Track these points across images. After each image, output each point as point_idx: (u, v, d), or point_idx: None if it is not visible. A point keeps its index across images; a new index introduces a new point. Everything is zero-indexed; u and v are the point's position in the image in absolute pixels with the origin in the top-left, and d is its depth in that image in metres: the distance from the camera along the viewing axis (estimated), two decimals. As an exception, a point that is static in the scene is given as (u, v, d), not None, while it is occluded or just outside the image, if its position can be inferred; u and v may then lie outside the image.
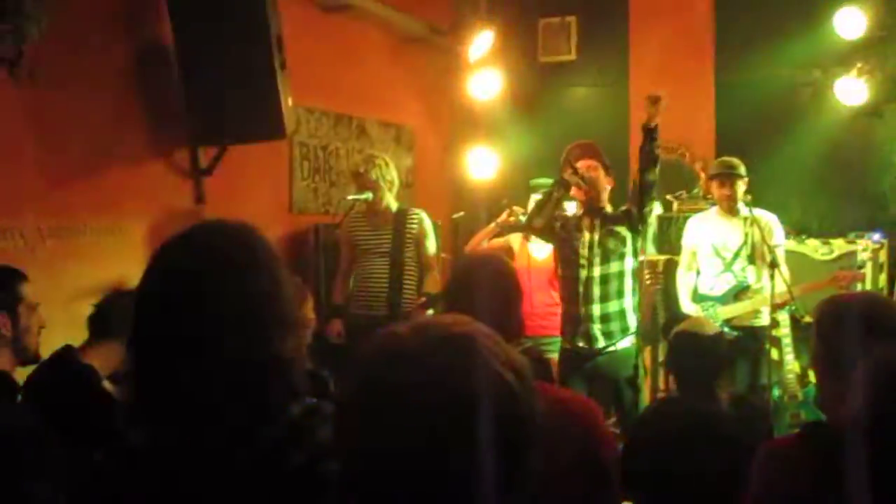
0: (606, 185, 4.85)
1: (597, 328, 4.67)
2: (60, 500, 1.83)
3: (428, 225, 5.45)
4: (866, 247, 6.23)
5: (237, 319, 1.47)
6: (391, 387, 1.08)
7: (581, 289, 4.70)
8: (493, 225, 5.97)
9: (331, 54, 6.15)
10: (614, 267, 4.71)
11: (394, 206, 5.38)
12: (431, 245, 5.44)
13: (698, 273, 5.63)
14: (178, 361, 1.46)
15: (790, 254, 5.91)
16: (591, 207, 4.80)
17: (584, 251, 4.74)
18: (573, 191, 4.75)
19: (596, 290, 4.68)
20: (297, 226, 5.97)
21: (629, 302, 4.76)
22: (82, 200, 4.52)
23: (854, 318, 2.14)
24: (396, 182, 5.43)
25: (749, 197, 5.37)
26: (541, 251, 5.69)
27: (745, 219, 5.39)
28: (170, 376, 1.48)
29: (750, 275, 5.44)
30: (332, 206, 6.27)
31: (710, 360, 3.46)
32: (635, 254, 4.82)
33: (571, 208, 4.94)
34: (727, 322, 5.36)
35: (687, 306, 5.57)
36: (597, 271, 4.69)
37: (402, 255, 5.31)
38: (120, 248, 4.71)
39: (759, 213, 5.40)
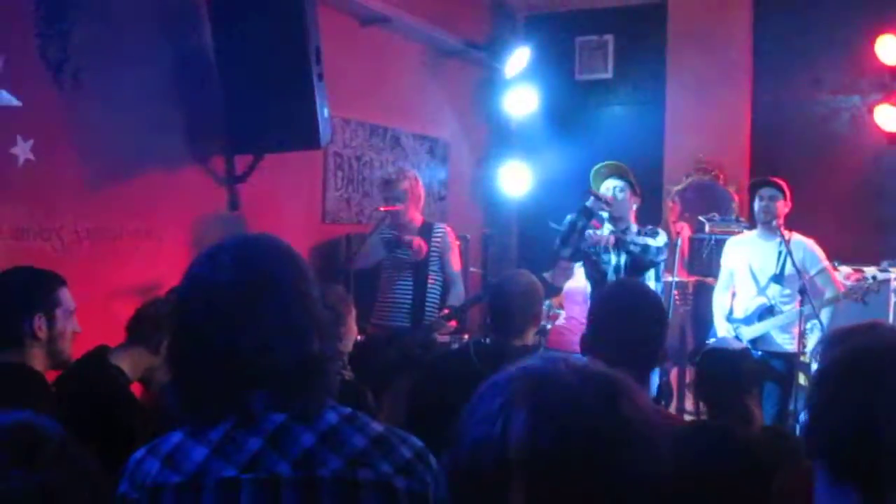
0: (632, 205, 4.98)
1: None
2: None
3: (452, 239, 5.48)
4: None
5: (280, 327, 1.53)
6: None
7: None
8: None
9: (367, 66, 6.20)
10: None
11: (419, 220, 5.42)
12: (455, 259, 5.47)
13: (734, 295, 5.62)
14: (220, 366, 1.53)
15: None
16: (616, 228, 4.92)
17: (610, 273, 4.87)
18: (599, 209, 4.85)
19: None
20: (329, 235, 6.02)
21: None
22: (119, 204, 4.59)
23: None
24: (423, 198, 5.47)
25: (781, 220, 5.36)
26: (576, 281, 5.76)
27: (780, 241, 5.35)
28: (211, 380, 1.54)
29: (780, 298, 5.40)
30: (364, 217, 6.32)
31: (739, 375, 3.43)
32: (658, 278, 4.93)
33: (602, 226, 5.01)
34: (753, 343, 5.33)
35: (720, 325, 5.55)
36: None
37: (425, 269, 5.35)
38: (154, 252, 4.77)
39: (798, 238, 5.37)
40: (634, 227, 4.93)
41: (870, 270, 6.22)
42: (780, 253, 5.37)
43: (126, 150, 4.62)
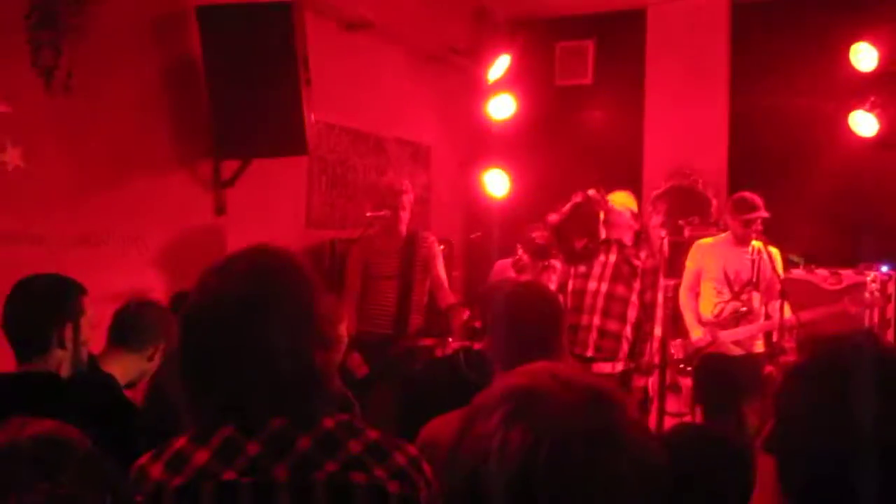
0: (629, 229, 5.23)
1: (592, 338, 4.97)
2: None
3: (437, 248, 5.54)
4: (874, 278, 6.29)
5: (285, 341, 1.59)
6: None
7: (588, 300, 5.02)
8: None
9: (351, 71, 6.24)
10: (620, 290, 5.02)
11: (404, 230, 5.47)
12: (440, 267, 5.53)
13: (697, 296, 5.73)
14: (227, 374, 1.58)
15: (800, 283, 6.01)
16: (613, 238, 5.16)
17: (598, 268, 5.08)
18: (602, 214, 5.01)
19: (600, 304, 4.99)
20: (314, 239, 6.05)
21: (628, 332, 5.02)
22: (107, 209, 4.61)
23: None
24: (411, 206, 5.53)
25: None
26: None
27: (753, 249, 5.48)
28: (218, 387, 1.59)
29: (754, 303, 5.53)
30: (348, 221, 6.36)
31: (737, 380, 3.50)
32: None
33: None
34: None
35: (694, 326, 5.63)
36: (605, 287, 5.02)
37: (410, 279, 5.40)
38: (142, 257, 4.80)
39: (770, 248, 5.51)
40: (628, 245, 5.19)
41: (846, 273, 6.36)
42: (753, 260, 5.49)
43: (114, 157, 4.64)
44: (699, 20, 7.46)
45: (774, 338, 5.39)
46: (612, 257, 5.10)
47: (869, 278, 6.26)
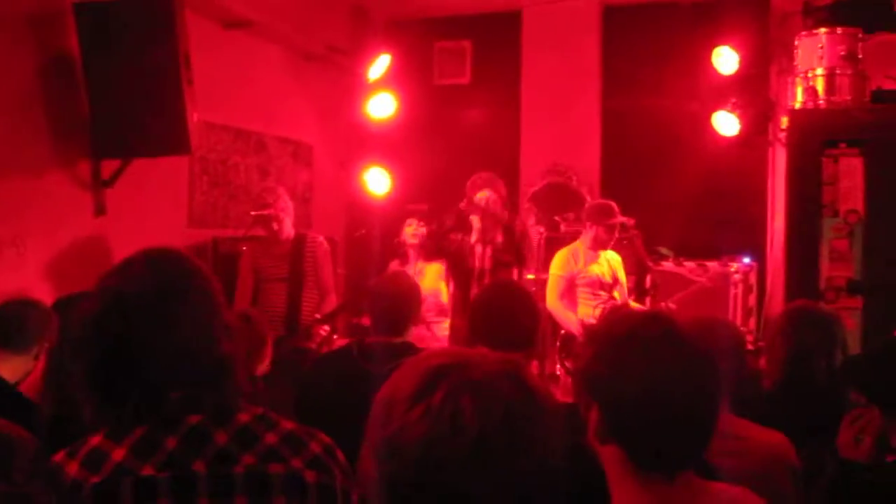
0: (502, 215, 5.31)
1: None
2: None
3: (325, 249, 5.57)
4: (737, 269, 6.68)
5: (193, 332, 1.63)
6: None
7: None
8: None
9: (232, 70, 6.21)
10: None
11: (292, 232, 5.49)
12: (328, 269, 5.56)
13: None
14: (140, 372, 1.61)
15: (669, 274, 6.33)
16: (483, 237, 5.25)
17: (476, 271, 5.23)
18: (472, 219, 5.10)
19: None
20: (195, 239, 6.00)
21: None
22: (-18, 211, 4.48)
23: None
24: (291, 209, 5.54)
25: None
26: (420, 276, 5.93)
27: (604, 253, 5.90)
28: (130, 386, 1.61)
29: (619, 300, 5.88)
30: (230, 220, 6.33)
31: None
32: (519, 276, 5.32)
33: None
34: None
35: (571, 318, 5.85)
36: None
37: (300, 280, 5.42)
38: (20, 259, 4.68)
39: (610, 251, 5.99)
40: (500, 238, 5.32)
41: (711, 265, 6.72)
42: (608, 262, 5.91)
43: (-11, 156, 4.51)
44: (572, 22, 7.72)
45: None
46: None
47: (732, 269, 6.64)
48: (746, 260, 6.78)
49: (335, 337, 5.56)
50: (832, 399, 3.01)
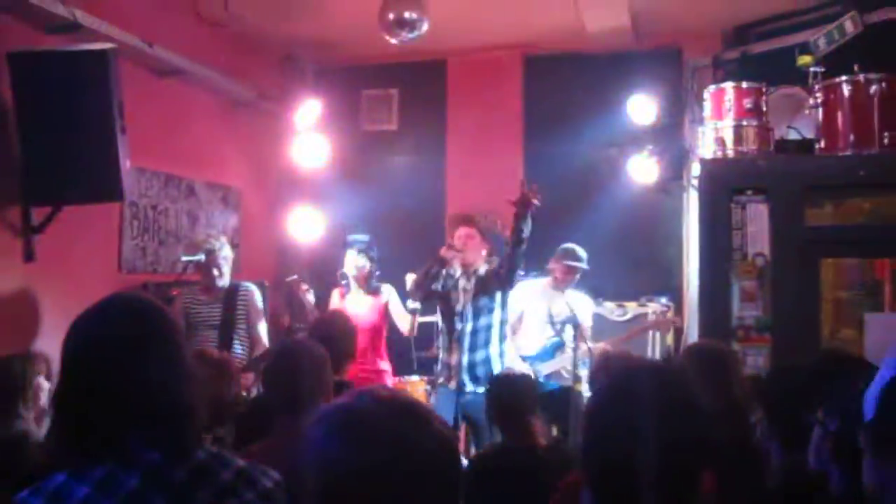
0: (482, 251, 5.67)
1: (465, 376, 5.45)
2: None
3: (258, 299, 5.66)
4: (655, 310, 6.96)
5: (161, 375, 1.76)
6: None
7: (454, 341, 5.50)
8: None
9: (162, 116, 6.28)
10: (483, 321, 5.51)
11: (228, 281, 5.58)
12: (259, 319, 5.64)
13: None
14: (106, 412, 1.72)
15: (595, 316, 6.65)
16: (466, 272, 5.59)
17: (459, 308, 5.53)
18: (451, 256, 5.47)
19: (466, 342, 5.46)
20: (126, 284, 6.02)
21: (495, 349, 5.53)
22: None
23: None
24: (231, 258, 5.63)
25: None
26: (360, 306, 6.06)
27: (569, 293, 6.28)
28: (97, 425, 1.72)
29: (568, 339, 6.16)
30: (160, 265, 6.39)
31: (523, 397, 3.94)
32: (503, 306, 5.60)
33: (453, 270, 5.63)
34: (547, 377, 6.04)
35: (519, 365, 6.10)
36: (469, 326, 5.48)
37: (232, 328, 5.49)
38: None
39: (580, 293, 6.41)
40: (483, 270, 5.62)
41: (630, 305, 6.99)
42: (567, 303, 6.20)
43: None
44: (494, 73, 8.00)
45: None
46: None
47: (650, 310, 6.92)
48: (663, 300, 7.06)
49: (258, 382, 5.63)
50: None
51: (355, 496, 1.29)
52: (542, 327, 6.24)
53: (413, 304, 6.09)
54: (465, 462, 3.57)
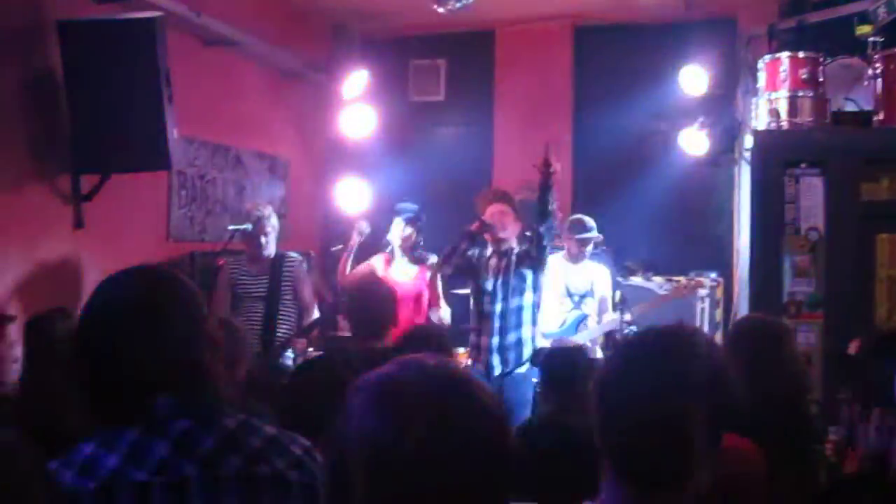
0: (515, 228, 5.45)
1: (493, 358, 5.26)
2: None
3: (304, 268, 5.70)
4: (705, 284, 6.84)
5: (180, 339, 1.73)
6: None
7: (485, 322, 5.32)
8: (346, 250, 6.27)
9: (210, 86, 6.31)
10: (514, 302, 5.31)
11: (274, 251, 5.60)
12: (308, 288, 5.68)
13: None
14: (129, 377, 1.71)
15: (639, 289, 6.50)
16: (498, 249, 5.40)
17: (489, 287, 5.35)
18: (483, 232, 5.32)
19: (496, 324, 5.28)
20: (174, 253, 6.08)
21: (528, 332, 5.34)
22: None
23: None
24: (277, 228, 5.65)
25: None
26: (403, 275, 6.03)
27: (587, 265, 6.14)
28: (121, 391, 1.71)
29: (590, 311, 6.10)
30: (207, 234, 6.43)
31: (576, 370, 3.82)
32: (535, 288, 5.40)
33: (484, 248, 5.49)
34: None
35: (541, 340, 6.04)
36: (499, 307, 5.30)
37: (277, 299, 5.52)
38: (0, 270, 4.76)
39: (600, 264, 6.26)
40: (516, 248, 5.41)
41: (680, 280, 6.87)
42: (587, 274, 6.14)
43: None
44: (544, 42, 7.89)
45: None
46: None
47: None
48: (713, 275, 6.95)
49: (311, 350, 5.66)
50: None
51: (397, 473, 1.23)
52: (561, 300, 6.13)
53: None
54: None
